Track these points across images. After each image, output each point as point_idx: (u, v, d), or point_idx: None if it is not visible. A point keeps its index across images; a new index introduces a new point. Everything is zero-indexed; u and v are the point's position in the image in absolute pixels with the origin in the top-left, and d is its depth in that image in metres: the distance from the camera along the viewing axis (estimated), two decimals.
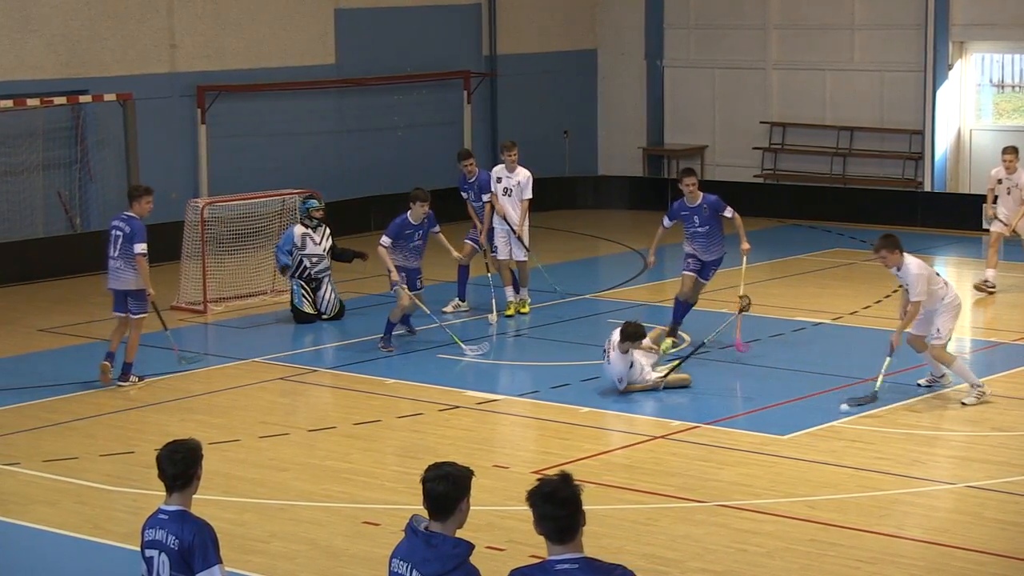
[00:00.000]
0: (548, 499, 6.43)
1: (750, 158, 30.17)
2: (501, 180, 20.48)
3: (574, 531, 6.46)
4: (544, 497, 6.44)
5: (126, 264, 17.15)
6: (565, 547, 6.46)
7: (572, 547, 6.46)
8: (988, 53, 28.35)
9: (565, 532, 6.45)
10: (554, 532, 6.46)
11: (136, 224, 17.11)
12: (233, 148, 26.05)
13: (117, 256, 17.21)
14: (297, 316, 20.40)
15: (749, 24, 30.08)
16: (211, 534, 7.59)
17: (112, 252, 17.26)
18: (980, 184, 26.88)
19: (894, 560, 11.49)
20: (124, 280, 17.23)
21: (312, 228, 20.55)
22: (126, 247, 17.10)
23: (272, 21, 26.80)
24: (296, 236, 20.49)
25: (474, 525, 7.28)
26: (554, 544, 6.47)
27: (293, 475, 13.94)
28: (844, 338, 19.21)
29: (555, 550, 6.47)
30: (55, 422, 15.84)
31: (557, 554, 6.46)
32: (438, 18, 29.18)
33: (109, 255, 17.33)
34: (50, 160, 24.43)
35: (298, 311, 20.39)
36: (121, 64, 24.98)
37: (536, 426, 15.73)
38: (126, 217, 17.25)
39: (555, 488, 6.44)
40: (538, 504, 6.45)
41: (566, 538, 6.46)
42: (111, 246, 17.29)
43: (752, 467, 13.92)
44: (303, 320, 20.34)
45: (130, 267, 17.13)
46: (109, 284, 17.49)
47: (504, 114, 30.32)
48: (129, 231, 17.11)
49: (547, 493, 6.44)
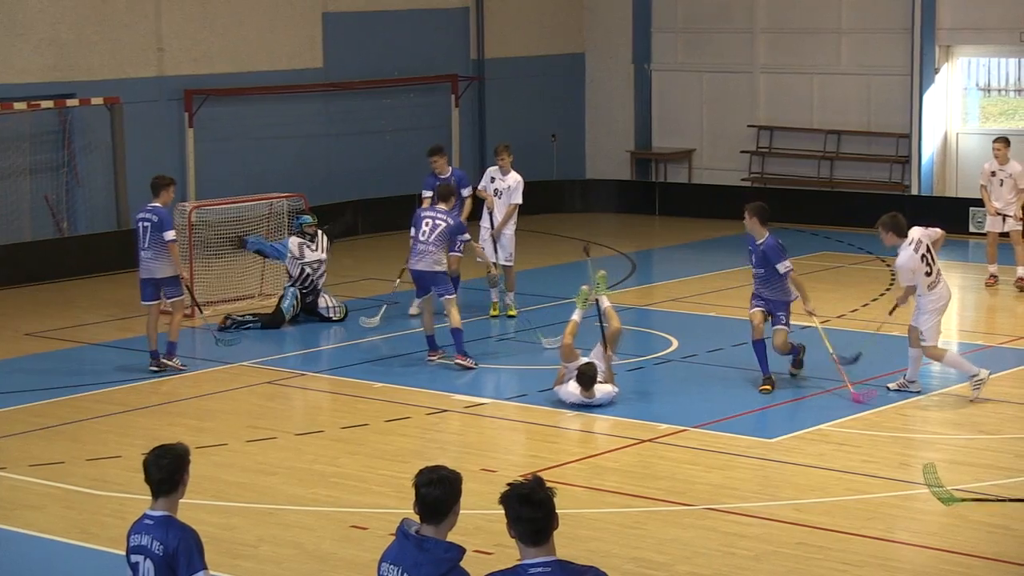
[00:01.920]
0: (524, 501, 6.50)
1: (737, 162, 30.19)
2: (494, 180, 20.51)
3: (548, 533, 6.55)
4: (520, 499, 6.51)
5: (156, 254, 17.67)
6: (539, 549, 6.54)
7: (545, 549, 6.55)
8: (974, 57, 28.39)
9: (539, 534, 6.53)
10: (528, 534, 6.53)
11: (163, 212, 17.69)
12: (220, 152, 26.03)
13: (148, 247, 17.72)
14: (274, 318, 20.30)
15: (736, 28, 30.12)
16: (196, 540, 7.57)
17: (142, 244, 17.75)
18: (967, 188, 26.94)
19: (882, 564, 11.50)
20: (156, 269, 17.74)
21: (307, 241, 20.71)
22: (156, 236, 17.62)
23: (259, 25, 26.78)
24: (293, 247, 20.60)
25: (462, 529, 7.28)
26: (527, 546, 6.55)
27: (281, 479, 13.92)
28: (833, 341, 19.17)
29: (528, 552, 6.55)
30: (42, 426, 15.81)
31: (530, 556, 6.55)
32: (426, 22, 29.18)
33: (140, 248, 17.81)
34: (37, 164, 24.40)
35: (280, 313, 20.31)
36: (108, 68, 24.95)
37: (524, 430, 15.72)
38: (152, 208, 17.76)
39: (530, 490, 6.53)
40: (513, 506, 6.52)
41: (540, 540, 6.54)
42: (140, 239, 17.76)
43: (740, 470, 13.93)
44: (274, 324, 20.22)
45: (161, 256, 17.66)
46: (141, 275, 17.92)
47: (492, 118, 30.33)
48: (157, 220, 17.64)
49: (523, 495, 6.52)
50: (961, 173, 27.90)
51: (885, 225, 16.01)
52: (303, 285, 20.54)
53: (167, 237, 17.59)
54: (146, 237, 17.69)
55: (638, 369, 17.95)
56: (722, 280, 22.19)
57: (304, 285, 20.55)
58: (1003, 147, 21.95)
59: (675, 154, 30.86)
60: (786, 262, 16.56)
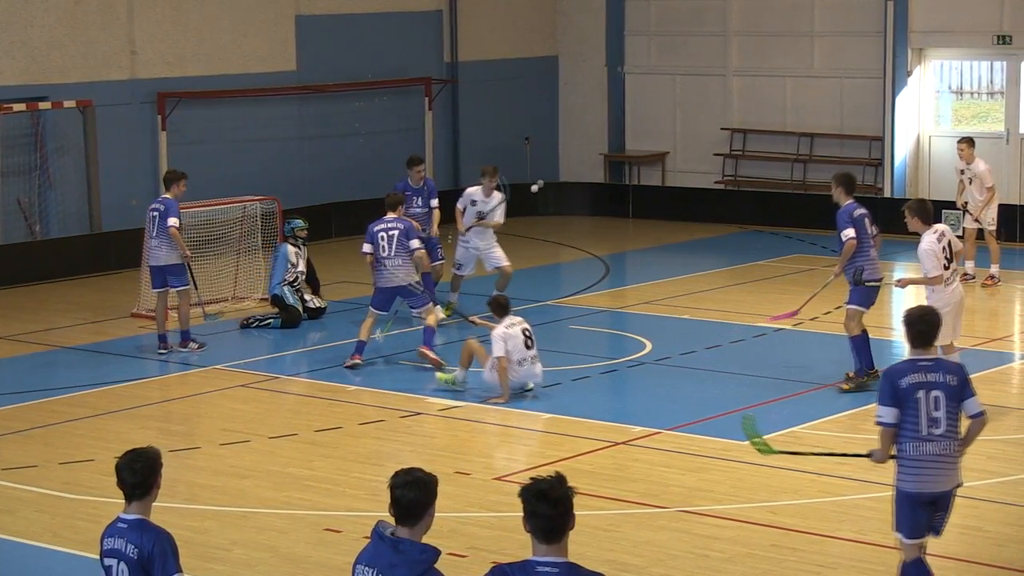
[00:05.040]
0: (541, 497, 6.49)
1: (711, 164, 30.24)
2: (476, 203, 20.52)
3: (562, 532, 6.54)
4: (537, 495, 6.50)
5: (161, 242, 18.61)
6: (550, 547, 6.54)
7: (558, 549, 6.54)
8: (947, 60, 28.48)
9: (552, 532, 6.52)
10: (541, 531, 6.52)
11: (170, 203, 18.63)
12: (194, 155, 25.94)
13: (155, 235, 18.70)
14: (291, 316, 20.45)
15: (710, 31, 30.16)
16: (171, 543, 7.56)
17: (151, 232, 18.82)
18: (939, 190, 27.02)
19: (855, 565, 11.53)
20: (160, 257, 18.66)
21: (298, 246, 20.93)
22: (162, 224, 18.55)
23: (233, 28, 26.73)
24: (290, 255, 20.80)
25: (436, 532, 7.28)
26: (540, 543, 6.53)
27: (254, 482, 13.90)
28: (805, 344, 19.27)
29: (540, 549, 6.54)
30: (14, 430, 15.75)
31: (542, 554, 6.53)
32: (399, 25, 29.16)
33: (149, 236, 18.96)
34: (9, 167, 24.31)
35: (294, 310, 20.48)
36: (81, 71, 24.87)
37: (498, 432, 15.72)
38: (161, 199, 18.83)
39: (549, 487, 6.52)
40: (530, 501, 6.51)
41: (552, 538, 6.53)
42: (149, 227, 18.88)
43: (713, 473, 13.95)
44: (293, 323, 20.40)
45: (164, 244, 18.59)
46: (149, 263, 19.13)
47: (465, 121, 30.33)
48: (164, 209, 18.59)
49: (540, 491, 6.51)
50: (934, 176, 27.99)
51: (912, 209, 15.83)
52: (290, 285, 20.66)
53: (169, 223, 18.42)
54: (154, 226, 18.68)
55: (612, 372, 17.97)
56: (695, 283, 22.23)
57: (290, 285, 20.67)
58: (966, 146, 22.46)
59: (648, 157, 30.89)
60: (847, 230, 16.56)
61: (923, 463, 9.98)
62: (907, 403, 9.93)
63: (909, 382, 9.93)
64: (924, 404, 9.91)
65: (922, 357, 10.04)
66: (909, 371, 9.96)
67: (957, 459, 10.07)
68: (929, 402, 9.92)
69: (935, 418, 9.92)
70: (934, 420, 9.92)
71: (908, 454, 10.00)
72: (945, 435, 9.94)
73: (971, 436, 10.17)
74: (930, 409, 9.92)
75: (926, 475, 9.99)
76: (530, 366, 16.42)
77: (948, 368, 10.02)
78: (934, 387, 9.92)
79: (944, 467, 9.99)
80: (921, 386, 9.92)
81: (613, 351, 19.02)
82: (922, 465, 9.98)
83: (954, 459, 10.03)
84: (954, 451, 10.02)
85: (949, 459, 9.99)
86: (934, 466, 9.97)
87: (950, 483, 10.06)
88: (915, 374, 9.94)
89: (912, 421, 9.94)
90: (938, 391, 9.92)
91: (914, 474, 10.00)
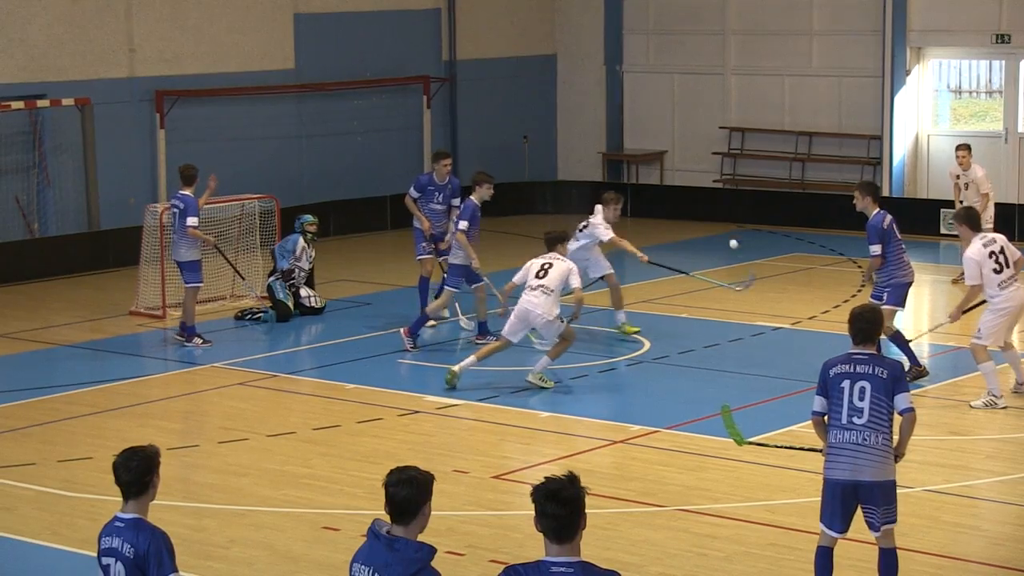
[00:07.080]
0: (551, 497, 6.47)
1: (709, 163, 30.24)
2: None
3: (573, 532, 6.51)
4: (548, 495, 6.48)
5: (180, 238, 19.17)
6: (562, 547, 6.51)
7: (570, 548, 6.52)
8: (945, 59, 28.48)
9: (564, 532, 6.50)
10: (553, 531, 6.50)
11: (189, 200, 19.10)
12: (192, 153, 25.84)
13: (176, 231, 19.26)
14: (282, 311, 20.51)
15: (708, 30, 30.16)
16: (167, 542, 7.54)
17: (174, 227, 19.33)
18: (938, 189, 27.06)
19: (853, 564, 11.52)
20: (181, 253, 19.20)
21: (308, 242, 21.04)
22: (181, 221, 19.05)
23: (231, 26, 26.72)
24: (299, 246, 20.95)
25: (434, 530, 7.28)
26: (552, 543, 6.51)
27: (252, 480, 13.90)
28: (803, 343, 19.27)
29: (552, 549, 6.52)
30: (12, 428, 15.75)
31: (554, 554, 6.51)
32: (397, 23, 29.16)
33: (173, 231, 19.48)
34: (7, 165, 24.30)
35: (283, 305, 20.58)
36: (79, 68, 24.86)
37: (496, 431, 15.72)
38: (180, 195, 19.29)
39: (560, 487, 6.49)
40: (541, 501, 6.49)
41: (564, 538, 6.51)
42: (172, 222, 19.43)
43: (712, 471, 13.95)
44: (284, 317, 20.52)
45: (182, 240, 19.12)
46: (172, 256, 19.63)
47: (464, 119, 30.32)
48: (183, 207, 19.10)
49: (551, 491, 6.48)
50: (932, 175, 27.99)
51: (959, 217, 16.12)
52: (287, 280, 20.70)
53: (188, 223, 18.92)
54: (175, 222, 19.24)
55: (610, 371, 17.97)
56: (693, 282, 22.20)
57: (288, 279, 20.70)
58: (965, 153, 22.56)
59: (647, 156, 30.89)
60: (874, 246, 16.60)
61: (842, 450, 10.14)
62: (833, 392, 10.17)
63: (836, 372, 10.18)
64: (848, 393, 10.09)
65: (860, 352, 10.23)
66: (840, 362, 10.20)
67: (882, 452, 10.09)
68: (854, 392, 10.08)
69: (858, 408, 10.07)
70: (857, 409, 10.08)
71: (831, 441, 10.22)
72: (867, 425, 10.05)
73: (904, 432, 10.31)
74: (854, 399, 10.09)
75: (843, 462, 10.13)
76: (529, 293, 16.74)
77: (882, 363, 10.19)
78: (861, 378, 10.08)
79: (863, 456, 10.07)
80: (847, 376, 10.11)
81: (611, 350, 19.02)
82: (840, 452, 10.15)
83: (878, 451, 10.08)
84: (878, 443, 10.06)
85: (870, 450, 10.06)
86: (852, 454, 10.09)
87: (872, 474, 10.10)
88: (845, 364, 10.16)
89: (836, 409, 10.17)
90: (865, 382, 10.07)
91: (833, 460, 10.20)
